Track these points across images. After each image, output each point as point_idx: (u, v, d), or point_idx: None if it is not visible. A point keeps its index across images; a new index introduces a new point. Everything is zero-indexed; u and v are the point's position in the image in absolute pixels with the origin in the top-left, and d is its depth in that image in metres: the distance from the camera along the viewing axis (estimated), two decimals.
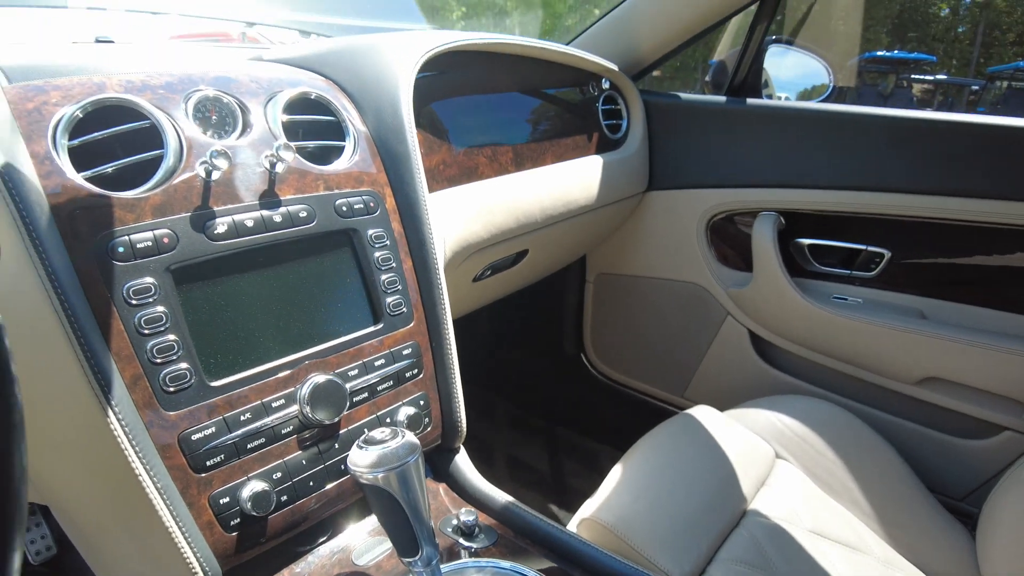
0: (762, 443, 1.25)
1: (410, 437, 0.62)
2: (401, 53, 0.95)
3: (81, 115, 0.64)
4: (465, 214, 1.05)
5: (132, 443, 0.60)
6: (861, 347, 1.39)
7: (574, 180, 1.31)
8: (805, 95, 2.02)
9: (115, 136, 0.66)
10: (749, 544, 1.04)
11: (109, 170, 0.64)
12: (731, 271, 1.59)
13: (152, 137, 0.68)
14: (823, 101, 1.90)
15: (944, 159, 1.26)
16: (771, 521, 1.09)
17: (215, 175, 0.69)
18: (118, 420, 0.59)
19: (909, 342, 1.31)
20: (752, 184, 1.51)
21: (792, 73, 1.88)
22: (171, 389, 0.63)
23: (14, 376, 0.33)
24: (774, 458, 1.24)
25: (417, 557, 0.63)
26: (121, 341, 0.61)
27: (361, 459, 0.60)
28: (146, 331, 0.62)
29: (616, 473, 1.10)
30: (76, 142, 0.63)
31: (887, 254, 1.40)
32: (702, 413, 1.27)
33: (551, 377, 2.08)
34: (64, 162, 0.62)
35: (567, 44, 1.60)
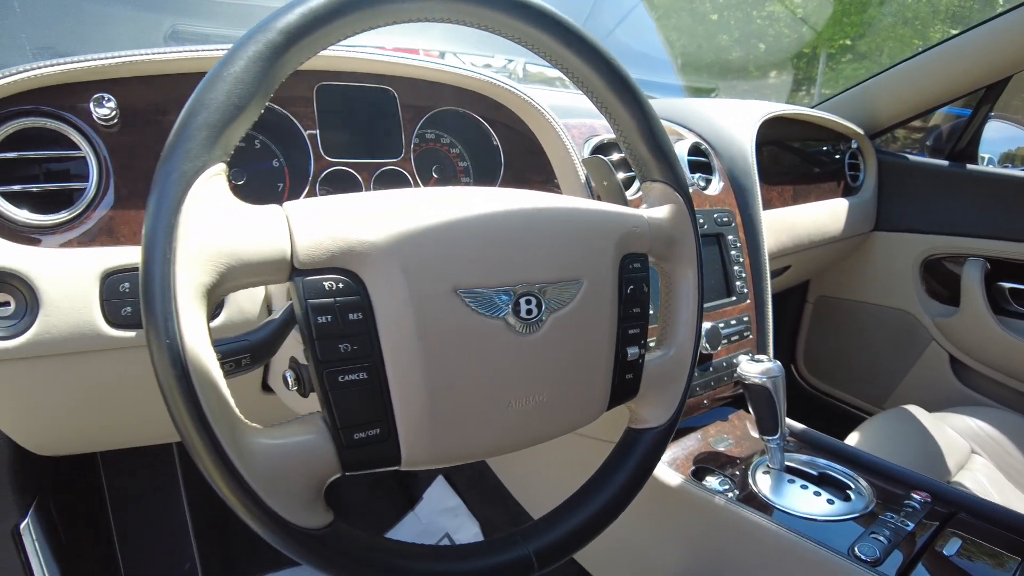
0: (960, 439, 1.57)
1: (778, 362, 1.03)
2: (744, 117, 1.39)
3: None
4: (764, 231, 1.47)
5: None
6: None
7: (827, 215, 1.70)
8: (1008, 157, 2.31)
9: None
10: None
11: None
12: (937, 304, 1.92)
13: None
14: None
15: None
16: (969, 491, 1.42)
17: None
18: None
19: None
20: (964, 233, 1.84)
21: (1003, 138, 2.18)
22: None
23: None
24: (970, 452, 1.56)
25: (776, 436, 1.04)
26: None
27: (753, 369, 1.02)
28: None
29: (853, 438, 1.47)
30: None
31: None
32: (912, 409, 1.61)
33: None
34: None
35: (815, 106, 1.99)
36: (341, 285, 0.51)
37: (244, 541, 1.65)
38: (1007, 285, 1.80)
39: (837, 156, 1.86)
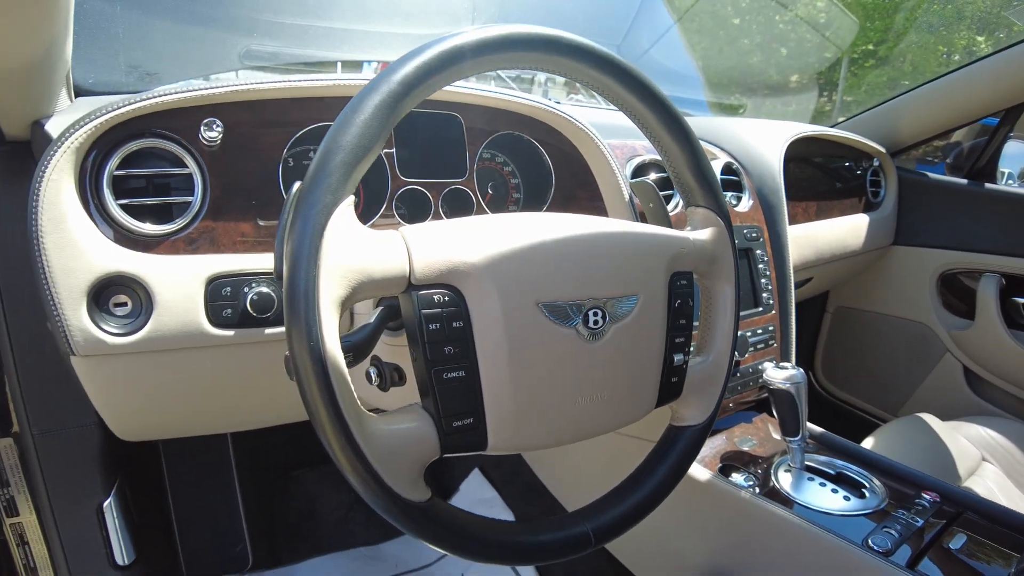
0: (971, 446, 1.65)
1: (801, 370, 1.12)
2: (774, 137, 1.48)
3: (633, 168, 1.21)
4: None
5: None
6: None
7: (849, 230, 1.79)
8: None
9: None
10: None
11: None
12: (953, 316, 2.00)
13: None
14: None
15: None
16: (976, 494, 1.49)
17: None
18: None
19: None
20: (980, 250, 1.92)
21: (1022, 155, 2.25)
22: None
23: None
24: (981, 459, 1.64)
25: (797, 437, 1.13)
26: None
27: (778, 375, 1.11)
28: None
29: (868, 443, 1.55)
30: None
31: None
32: (926, 417, 1.69)
33: None
34: None
35: (838, 123, 2.07)
36: (447, 298, 0.61)
37: (289, 529, 1.76)
38: (1021, 300, 1.88)
39: (859, 173, 1.95)
